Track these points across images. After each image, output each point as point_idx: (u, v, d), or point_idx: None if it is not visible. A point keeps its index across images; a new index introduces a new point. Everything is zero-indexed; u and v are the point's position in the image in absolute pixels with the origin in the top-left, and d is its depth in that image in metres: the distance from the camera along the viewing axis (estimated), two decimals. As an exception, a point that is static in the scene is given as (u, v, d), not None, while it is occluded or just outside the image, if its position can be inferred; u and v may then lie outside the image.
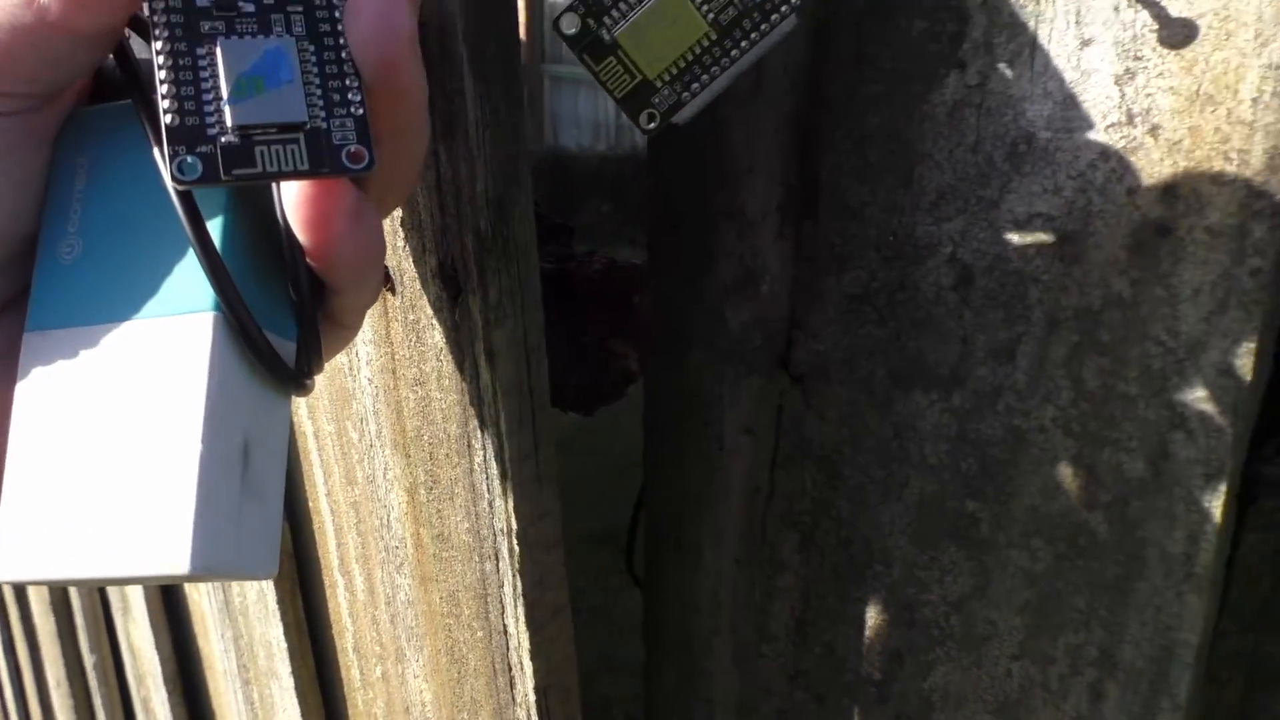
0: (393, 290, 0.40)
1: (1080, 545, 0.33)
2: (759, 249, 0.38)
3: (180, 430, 0.24)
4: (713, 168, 0.38)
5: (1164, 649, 0.32)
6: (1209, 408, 0.29)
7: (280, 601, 0.62)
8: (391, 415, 0.44)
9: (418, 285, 0.38)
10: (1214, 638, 0.32)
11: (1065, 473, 0.32)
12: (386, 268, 0.39)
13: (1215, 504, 0.30)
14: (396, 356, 0.42)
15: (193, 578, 0.23)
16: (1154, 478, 0.30)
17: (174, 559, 0.23)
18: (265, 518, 0.26)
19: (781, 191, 0.36)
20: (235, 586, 0.66)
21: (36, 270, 0.26)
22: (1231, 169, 0.27)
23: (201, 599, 0.76)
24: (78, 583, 0.24)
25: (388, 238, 0.38)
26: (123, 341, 0.25)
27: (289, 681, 0.62)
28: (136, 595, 0.84)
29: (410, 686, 0.50)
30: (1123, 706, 0.33)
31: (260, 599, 0.63)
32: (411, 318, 0.39)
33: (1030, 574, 0.34)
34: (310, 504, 0.57)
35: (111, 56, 0.25)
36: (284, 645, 0.61)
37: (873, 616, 0.39)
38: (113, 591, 0.92)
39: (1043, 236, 0.31)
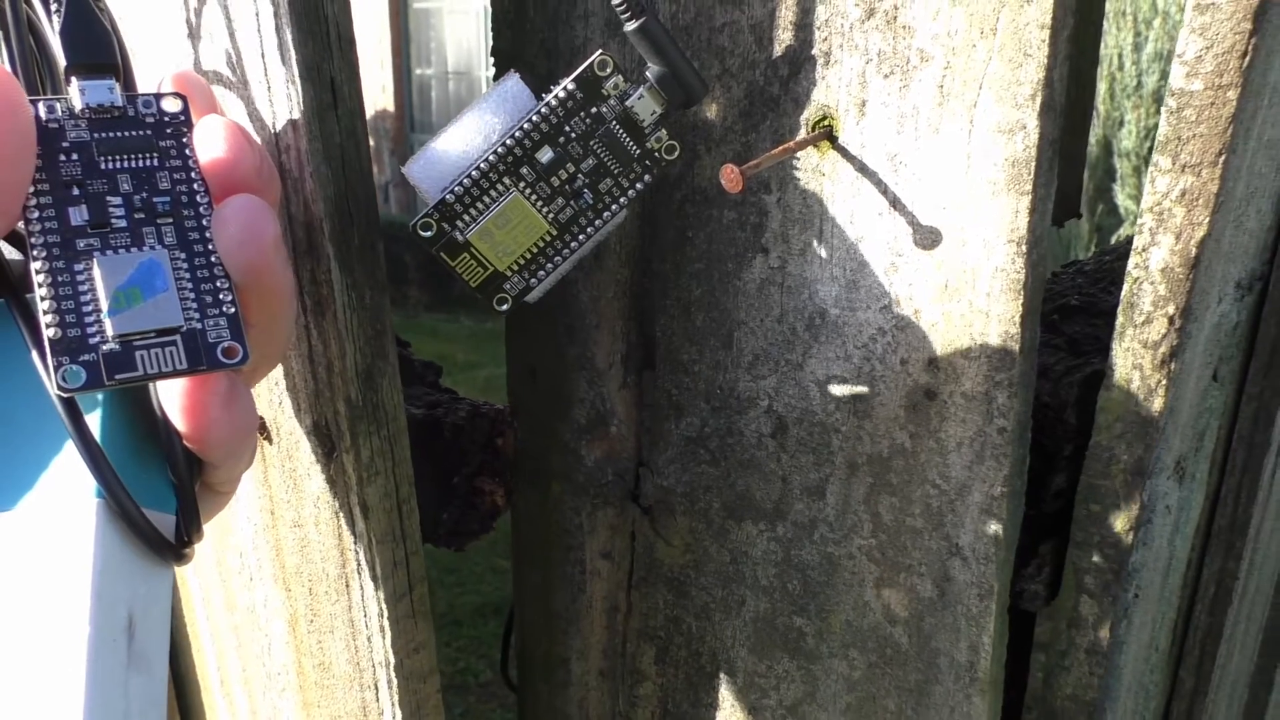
0: (269, 439, 0.43)
1: (888, 655, 0.38)
2: (607, 395, 0.42)
3: (68, 614, 0.25)
4: (564, 323, 0.42)
5: (958, 743, 0.37)
6: (978, 538, 0.35)
7: (161, 725, 0.62)
8: (271, 552, 0.46)
9: (294, 437, 0.41)
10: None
11: (872, 593, 0.37)
12: (262, 419, 0.42)
13: (989, 618, 0.35)
14: (274, 499, 0.44)
15: None
16: (940, 597, 0.36)
17: None
18: (150, 685, 0.27)
19: (624, 346, 0.41)
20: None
21: None
22: (976, 347, 0.33)
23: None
24: None
25: (264, 393, 0.41)
26: (8, 529, 0.26)
27: (172, 808, 0.62)
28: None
29: (296, 810, 0.52)
30: (934, 791, 0.38)
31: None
32: (289, 465, 0.42)
33: (850, 680, 0.39)
34: (188, 626, 0.58)
35: None
36: (166, 772, 0.61)
37: (722, 721, 0.43)
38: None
39: (839, 395, 0.36)
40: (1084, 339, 0.39)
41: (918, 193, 0.33)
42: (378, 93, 5.62)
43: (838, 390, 0.36)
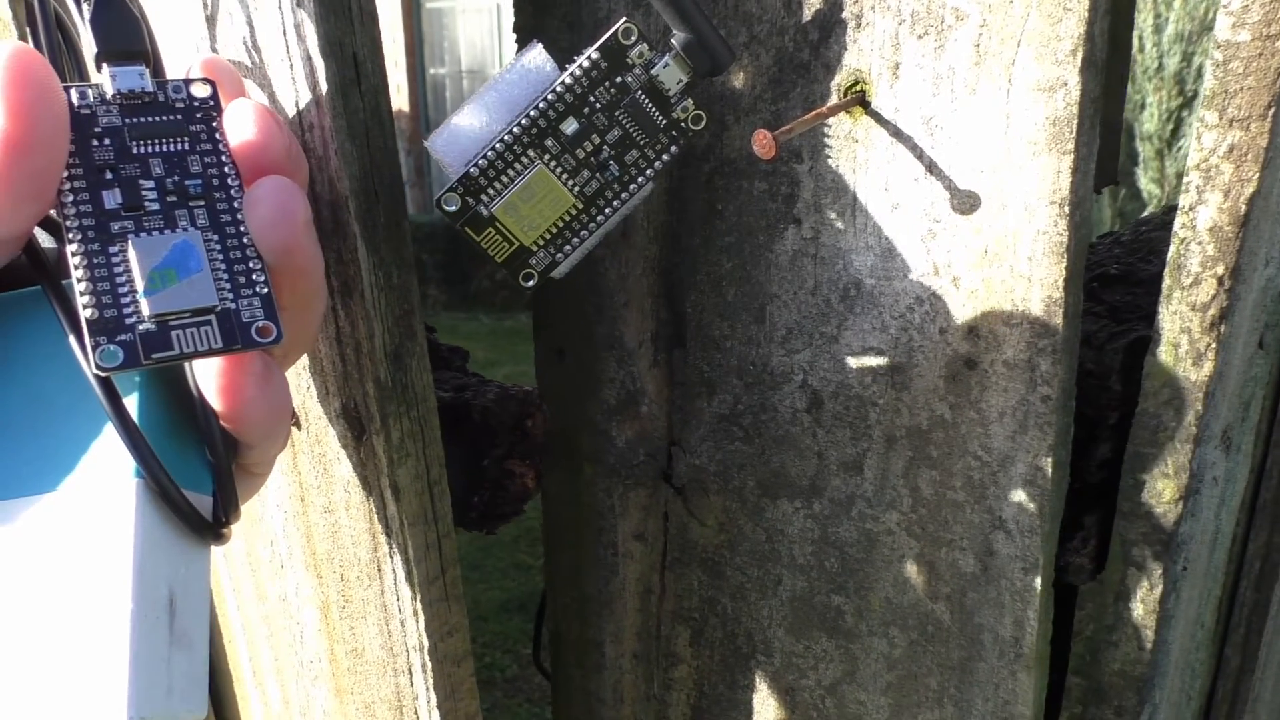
0: (298, 425, 0.43)
1: (929, 632, 0.37)
2: (637, 375, 0.42)
3: (111, 590, 0.25)
4: (592, 302, 0.42)
5: (1003, 721, 0.36)
6: (1021, 511, 0.34)
7: (193, 718, 0.62)
8: (301, 539, 0.46)
9: (323, 422, 0.41)
10: (1054, 712, 0.37)
11: (912, 569, 0.37)
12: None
13: (1034, 592, 0.34)
14: (304, 485, 0.44)
15: None
16: (983, 572, 0.35)
17: (112, 712, 0.25)
18: (192, 662, 0.28)
19: (654, 324, 0.41)
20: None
21: None
22: (1018, 314, 0.32)
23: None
24: None
25: (291, 378, 0.41)
26: (49, 510, 0.26)
27: (206, 800, 0.62)
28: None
29: (330, 799, 0.51)
30: (978, 770, 0.38)
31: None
32: (318, 450, 0.42)
33: (890, 659, 0.38)
34: (220, 618, 0.58)
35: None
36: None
37: (759, 702, 0.42)
38: None
39: (876, 367, 0.35)
40: (1125, 307, 0.38)
41: (955, 156, 0.32)
42: (392, 93, 5.63)
43: (875, 363, 0.35)
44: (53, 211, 0.26)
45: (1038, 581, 0.34)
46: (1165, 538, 0.35)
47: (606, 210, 0.34)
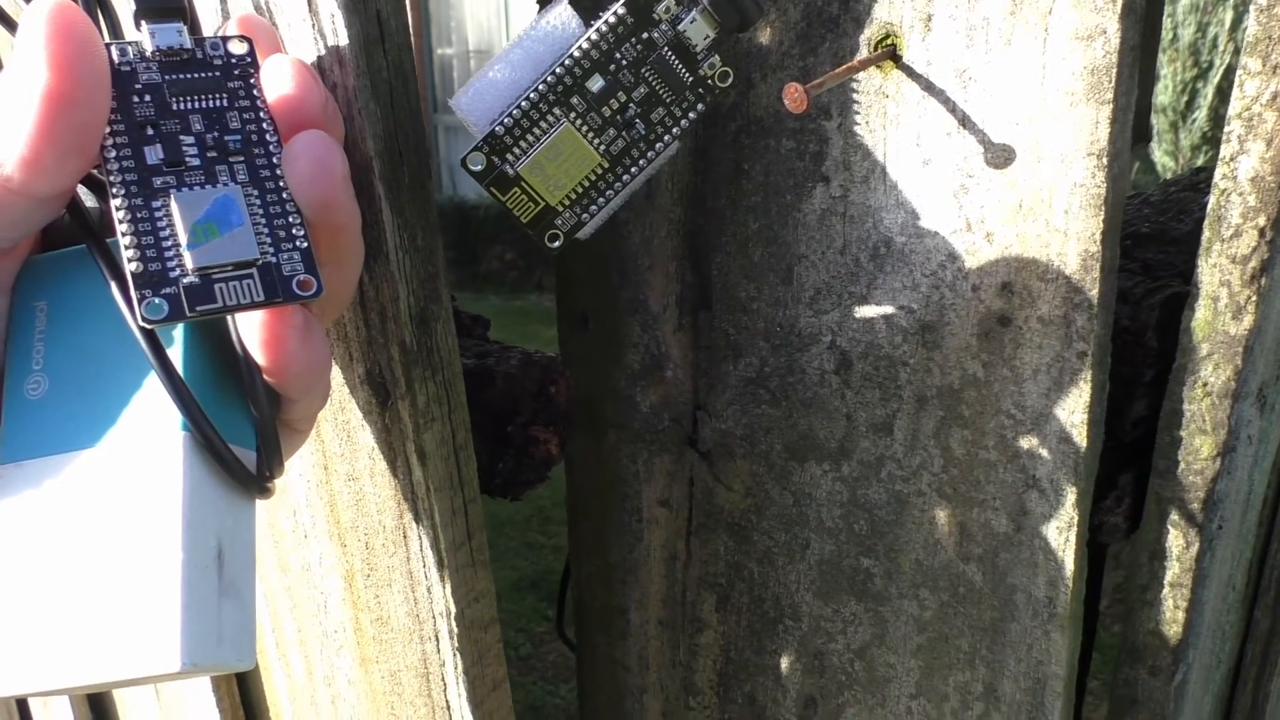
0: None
1: (960, 593, 0.37)
2: (662, 339, 0.41)
3: (161, 541, 0.26)
4: (616, 266, 0.41)
5: (1037, 682, 0.36)
6: (1055, 469, 0.33)
7: (216, 689, 0.62)
8: (325, 508, 0.46)
9: (346, 389, 0.41)
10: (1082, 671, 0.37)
11: (943, 530, 0.36)
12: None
13: (1069, 552, 0.34)
14: (328, 453, 0.44)
15: (181, 675, 0.26)
16: (1016, 532, 0.35)
17: (165, 659, 0.25)
18: (240, 613, 0.28)
19: (679, 287, 0.40)
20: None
21: (5, 408, 0.28)
22: (1053, 269, 0.31)
23: (129, 690, 0.76)
24: (74, 690, 0.26)
25: (315, 346, 0.40)
26: (98, 465, 0.27)
27: (231, 770, 0.62)
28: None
29: (356, 767, 0.52)
30: (1009, 732, 0.38)
31: (195, 686, 0.63)
32: (342, 418, 0.42)
33: (920, 621, 0.38)
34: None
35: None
36: (224, 734, 0.61)
37: (787, 666, 0.42)
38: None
39: (906, 326, 0.35)
40: (1159, 264, 0.38)
41: (989, 109, 0.31)
42: (400, 73, 5.58)
43: (905, 322, 0.35)
44: (94, 170, 0.26)
45: (1072, 540, 0.34)
46: (1202, 495, 0.34)
47: (633, 169, 0.33)
